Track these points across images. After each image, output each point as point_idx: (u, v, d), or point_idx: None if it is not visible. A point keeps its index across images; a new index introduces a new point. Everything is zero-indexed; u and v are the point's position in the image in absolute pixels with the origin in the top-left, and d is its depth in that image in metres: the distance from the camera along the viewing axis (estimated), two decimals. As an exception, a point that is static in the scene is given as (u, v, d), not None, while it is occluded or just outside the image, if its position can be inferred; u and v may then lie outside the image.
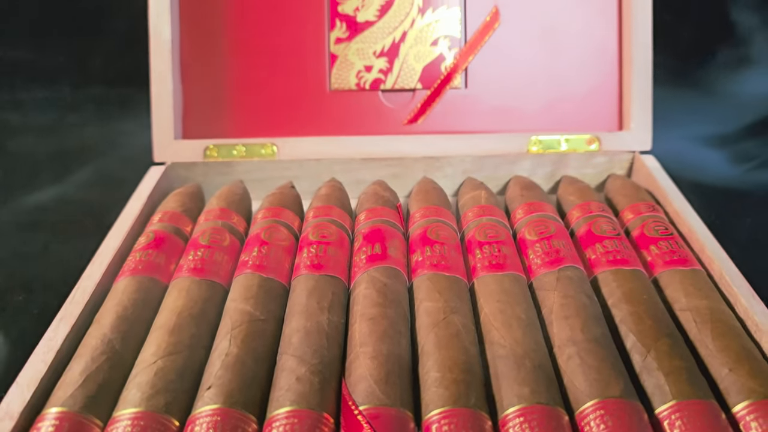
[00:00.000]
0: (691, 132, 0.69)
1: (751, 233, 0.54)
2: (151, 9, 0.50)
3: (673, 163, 0.62)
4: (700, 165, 0.64)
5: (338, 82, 0.52)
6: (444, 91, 0.52)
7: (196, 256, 0.38)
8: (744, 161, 0.64)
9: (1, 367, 0.41)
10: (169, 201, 0.45)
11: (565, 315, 0.34)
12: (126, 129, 0.73)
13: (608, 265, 0.37)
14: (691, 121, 0.71)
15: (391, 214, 0.43)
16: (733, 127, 0.69)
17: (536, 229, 0.40)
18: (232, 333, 0.33)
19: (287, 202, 0.45)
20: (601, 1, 0.52)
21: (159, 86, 0.51)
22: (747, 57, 0.72)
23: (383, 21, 0.52)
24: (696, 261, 0.38)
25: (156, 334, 0.33)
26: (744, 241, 0.53)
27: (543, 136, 0.51)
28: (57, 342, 0.34)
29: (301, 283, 0.36)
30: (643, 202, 0.43)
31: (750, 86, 0.72)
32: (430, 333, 0.33)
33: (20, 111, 0.79)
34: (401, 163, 0.50)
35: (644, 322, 0.33)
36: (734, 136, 0.67)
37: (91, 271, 0.39)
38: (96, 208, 0.59)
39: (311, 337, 0.33)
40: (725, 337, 0.32)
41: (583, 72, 0.52)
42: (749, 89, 0.72)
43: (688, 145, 0.67)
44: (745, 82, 0.72)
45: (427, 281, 0.36)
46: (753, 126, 0.69)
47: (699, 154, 0.66)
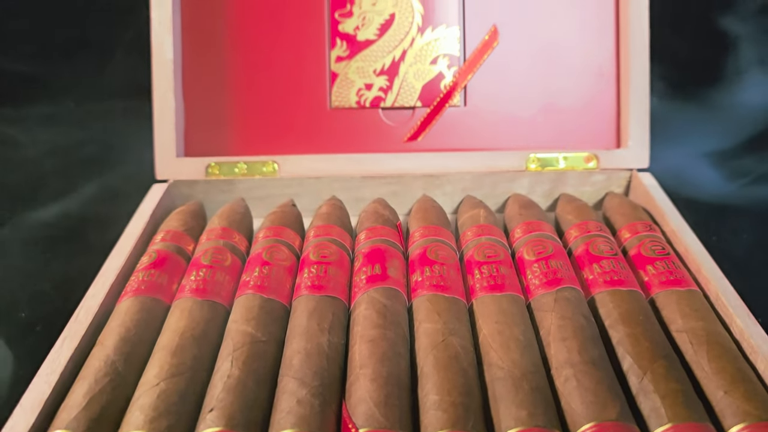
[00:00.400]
0: (689, 147, 0.69)
1: (748, 250, 0.54)
2: (154, 29, 0.51)
3: (671, 179, 0.63)
4: (698, 181, 0.64)
5: (339, 100, 0.53)
6: (443, 109, 0.53)
7: (198, 276, 0.39)
8: (741, 176, 0.65)
9: (7, 383, 0.41)
10: (172, 220, 0.45)
11: (562, 336, 0.34)
12: (130, 144, 0.73)
13: (605, 285, 0.38)
14: (689, 136, 0.71)
15: (391, 233, 0.43)
16: (730, 142, 0.69)
17: (534, 249, 0.41)
18: (234, 355, 0.34)
19: (288, 221, 0.45)
20: (599, 20, 0.52)
21: (161, 104, 0.51)
22: (741, 70, 0.73)
23: (383, 40, 0.52)
24: (692, 281, 0.39)
25: (158, 355, 0.34)
26: (742, 259, 0.53)
27: (541, 154, 0.51)
28: (60, 363, 0.34)
29: (301, 304, 0.37)
30: (640, 222, 0.44)
31: (747, 99, 0.73)
32: (429, 355, 0.33)
33: (23, 125, 0.80)
34: (401, 180, 0.50)
35: (641, 343, 0.34)
36: (732, 152, 0.68)
37: (95, 291, 0.40)
38: (99, 224, 0.59)
39: (312, 359, 0.33)
40: (721, 359, 0.33)
41: (581, 90, 0.53)
42: (746, 102, 0.73)
43: (686, 161, 0.68)
44: (741, 95, 0.73)
45: (426, 302, 0.37)
46: (750, 140, 0.70)
47: (697, 169, 0.66)
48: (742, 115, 0.72)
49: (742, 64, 0.72)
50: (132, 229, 0.46)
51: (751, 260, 0.53)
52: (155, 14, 0.51)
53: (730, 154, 0.67)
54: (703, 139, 0.70)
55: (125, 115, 0.80)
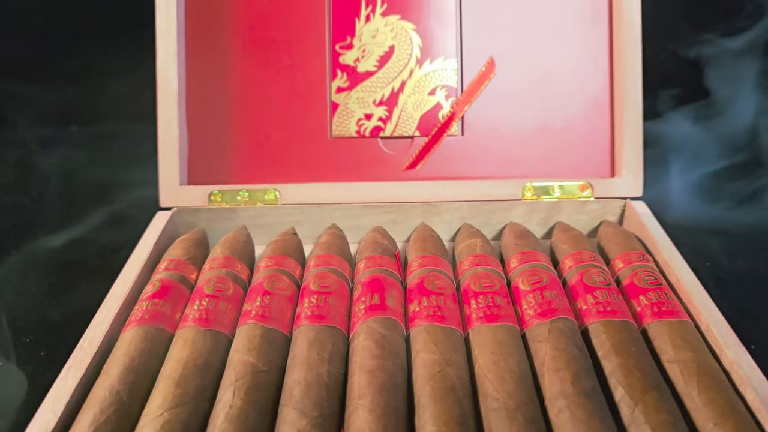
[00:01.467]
0: (682, 173, 0.71)
1: (742, 275, 0.55)
2: (159, 59, 0.52)
3: (665, 206, 0.64)
4: (691, 206, 0.65)
5: (339, 129, 0.54)
6: (441, 139, 0.54)
7: (201, 305, 0.40)
8: (729, 200, 0.66)
9: (17, 404, 0.42)
10: (175, 248, 0.46)
11: (556, 367, 0.35)
12: (133, 168, 0.74)
13: (598, 316, 0.39)
14: (682, 161, 0.73)
15: (390, 263, 0.44)
16: (721, 165, 0.71)
17: (529, 279, 0.42)
18: (236, 385, 0.34)
19: (289, 249, 0.46)
20: (593, 51, 0.54)
21: (166, 133, 0.52)
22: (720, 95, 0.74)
23: (383, 71, 0.54)
24: (684, 312, 0.39)
25: (162, 385, 0.35)
26: (735, 284, 0.54)
27: (537, 182, 0.52)
28: (66, 392, 0.35)
29: (302, 333, 0.38)
30: (633, 251, 0.45)
31: (724, 123, 0.74)
32: (426, 385, 0.34)
33: (26, 149, 0.81)
34: (400, 209, 0.52)
35: (633, 374, 0.35)
36: (722, 174, 0.69)
37: (99, 320, 0.41)
38: (103, 249, 0.60)
39: (312, 390, 0.34)
40: (711, 391, 0.34)
41: (576, 120, 0.54)
42: (724, 126, 0.74)
43: (680, 186, 0.69)
44: (719, 119, 0.74)
45: (423, 332, 0.38)
46: (740, 163, 0.71)
47: (690, 194, 0.68)
48: (722, 138, 0.73)
49: (719, 89, 0.74)
50: (136, 256, 0.47)
51: (746, 286, 0.54)
52: (160, 44, 0.53)
53: (722, 176, 0.69)
54: (685, 163, 0.71)
55: (128, 138, 0.82)
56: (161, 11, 0.52)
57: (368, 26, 0.54)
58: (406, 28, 0.54)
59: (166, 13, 0.53)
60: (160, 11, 0.52)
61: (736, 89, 0.73)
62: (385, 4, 0.54)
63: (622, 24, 0.52)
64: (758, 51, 0.72)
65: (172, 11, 0.52)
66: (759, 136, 0.72)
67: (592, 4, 0.54)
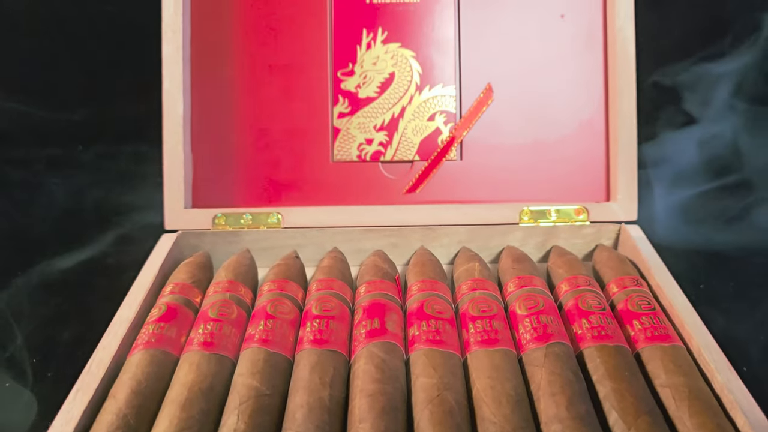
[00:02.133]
0: (676, 195, 0.72)
1: (734, 297, 0.56)
2: (165, 86, 0.54)
3: (660, 229, 0.65)
4: (685, 229, 0.67)
5: (341, 154, 0.55)
6: (440, 163, 0.55)
7: (206, 329, 0.41)
8: (719, 220, 0.68)
9: (26, 427, 0.43)
10: (180, 272, 0.48)
11: (552, 392, 0.36)
12: (139, 189, 0.76)
13: (593, 341, 0.40)
14: (673, 183, 0.74)
15: (390, 287, 0.45)
16: (711, 186, 0.72)
17: (526, 303, 0.43)
18: (240, 408, 0.35)
19: (292, 273, 0.47)
20: (589, 78, 0.55)
21: (171, 157, 0.54)
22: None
23: (383, 97, 0.55)
24: (677, 336, 0.40)
25: (168, 408, 0.36)
26: (728, 306, 0.55)
27: (534, 206, 0.53)
28: (74, 415, 0.36)
29: (304, 357, 0.39)
30: (627, 276, 0.46)
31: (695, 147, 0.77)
32: (425, 409, 0.35)
33: (32, 169, 0.83)
34: (400, 232, 0.53)
35: (626, 399, 0.36)
36: (712, 194, 0.71)
37: (106, 342, 0.42)
38: (109, 270, 0.61)
39: (314, 413, 0.35)
40: (702, 415, 0.35)
41: (572, 145, 0.55)
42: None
43: (673, 209, 0.71)
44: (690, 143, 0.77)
45: (423, 356, 0.39)
46: (729, 185, 0.73)
47: (682, 217, 0.69)
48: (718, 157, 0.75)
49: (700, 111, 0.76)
50: (142, 279, 0.48)
51: (739, 307, 0.55)
52: (166, 71, 0.54)
53: (712, 196, 0.70)
54: (685, 185, 0.73)
55: (135, 161, 0.83)
56: (168, 39, 0.54)
57: (369, 53, 0.55)
58: (406, 56, 0.55)
59: (173, 41, 0.54)
60: (167, 39, 0.54)
61: (717, 111, 0.75)
62: (385, 32, 0.55)
63: (616, 52, 0.54)
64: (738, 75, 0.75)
65: (178, 39, 0.54)
66: (743, 156, 0.74)
67: (587, 32, 0.55)
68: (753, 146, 0.74)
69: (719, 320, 0.52)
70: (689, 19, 0.76)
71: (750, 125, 0.74)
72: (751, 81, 0.74)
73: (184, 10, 0.54)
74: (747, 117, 0.74)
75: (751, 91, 0.74)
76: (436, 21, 0.55)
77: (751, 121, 0.74)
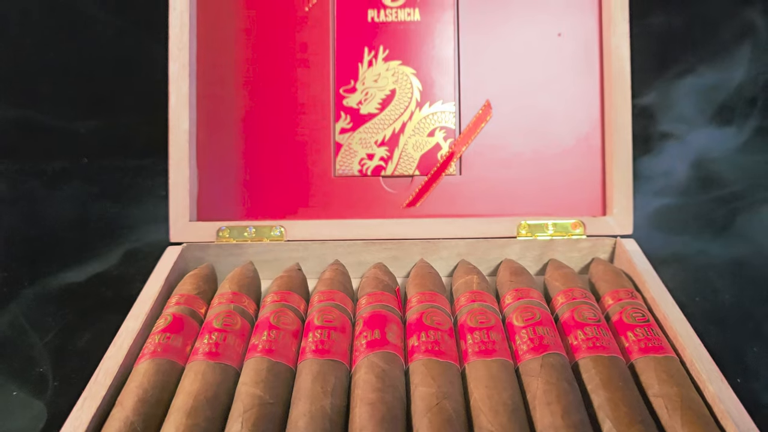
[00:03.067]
0: (667, 207, 0.74)
1: (728, 310, 0.57)
2: (171, 103, 0.55)
3: (656, 242, 0.66)
4: (680, 241, 0.68)
5: (342, 168, 0.56)
6: (440, 178, 0.56)
7: (211, 339, 0.42)
8: (709, 231, 0.69)
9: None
10: (185, 283, 0.49)
11: (547, 401, 0.37)
12: (144, 202, 0.77)
13: (588, 351, 0.41)
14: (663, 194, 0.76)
15: (390, 299, 0.46)
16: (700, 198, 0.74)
17: (523, 315, 0.44)
18: (244, 416, 0.36)
19: (294, 285, 0.48)
20: (585, 96, 0.57)
21: (176, 172, 0.55)
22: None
23: (384, 114, 0.56)
24: (670, 348, 0.41)
25: (174, 416, 0.37)
26: (722, 319, 0.56)
27: (531, 220, 0.55)
28: (83, 422, 0.37)
29: (306, 367, 0.40)
30: (622, 289, 0.47)
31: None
32: (424, 417, 0.36)
33: (42, 180, 0.84)
34: (400, 245, 0.54)
35: (620, 408, 0.37)
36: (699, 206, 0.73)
37: (113, 352, 0.43)
38: (114, 282, 0.62)
39: (316, 422, 0.36)
40: (693, 425, 0.36)
41: (569, 160, 0.56)
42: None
43: (669, 222, 0.72)
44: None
45: (422, 366, 0.40)
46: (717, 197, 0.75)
47: (679, 229, 0.70)
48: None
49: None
50: (148, 290, 0.49)
51: (732, 320, 0.56)
52: (173, 88, 0.55)
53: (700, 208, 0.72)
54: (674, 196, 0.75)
55: (140, 173, 0.85)
56: (174, 56, 0.55)
57: (371, 71, 0.57)
58: (406, 73, 0.57)
59: (179, 58, 0.56)
60: (173, 56, 0.55)
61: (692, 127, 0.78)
62: (387, 50, 0.57)
63: (612, 70, 0.55)
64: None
65: (184, 56, 0.55)
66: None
67: (584, 51, 0.56)
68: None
69: (713, 332, 0.53)
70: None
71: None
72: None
73: (191, 29, 0.56)
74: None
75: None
76: (436, 40, 0.57)
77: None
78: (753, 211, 0.72)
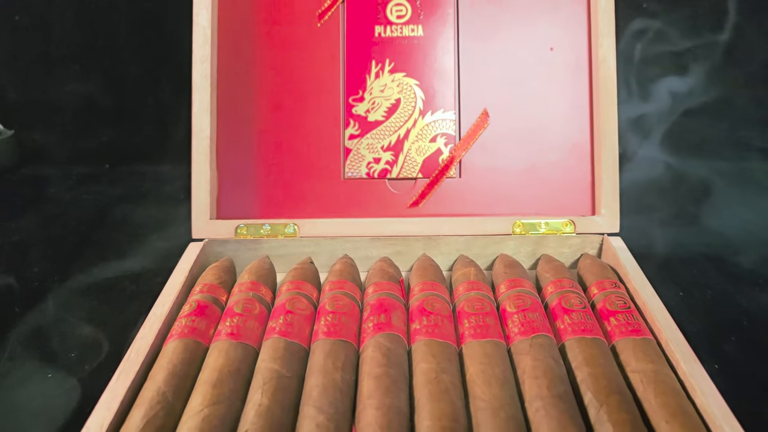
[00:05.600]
0: (656, 210, 0.78)
1: (710, 305, 0.62)
2: (195, 109, 0.60)
3: (644, 240, 0.70)
4: (664, 240, 0.72)
5: (351, 171, 0.61)
6: (441, 180, 0.61)
7: (232, 322, 0.46)
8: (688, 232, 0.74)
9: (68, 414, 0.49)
10: (208, 274, 0.53)
11: (535, 375, 0.41)
12: (162, 204, 0.82)
13: (573, 334, 0.45)
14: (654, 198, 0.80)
15: (395, 288, 0.51)
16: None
17: (515, 302, 0.48)
18: (263, 388, 0.41)
19: (307, 276, 0.53)
20: (576, 104, 0.61)
21: (198, 174, 0.60)
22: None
23: (390, 121, 0.61)
24: (648, 331, 0.46)
25: (201, 387, 0.41)
26: (704, 313, 0.60)
27: (526, 219, 0.59)
28: (119, 392, 0.41)
29: (319, 346, 0.44)
30: (607, 280, 0.51)
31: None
32: (424, 389, 0.40)
33: (66, 184, 0.89)
34: (404, 242, 0.58)
35: (600, 381, 0.41)
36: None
37: (143, 334, 0.47)
38: (139, 277, 0.67)
39: (328, 392, 0.40)
40: (665, 396, 0.40)
41: (561, 164, 0.61)
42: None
43: (654, 222, 0.76)
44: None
45: (423, 346, 0.44)
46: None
47: (662, 228, 0.75)
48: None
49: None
50: (173, 281, 0.53)
51: (712, 313, 0.60)
52: (196, 97, 0.60)
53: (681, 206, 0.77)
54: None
55: (156, 178, 0.89)
56: (197, 68, 0.60)
57: (377, 82, 0.62)
58: (410, 84, 0.62)
59: (201, 70, 0.60)
60: (196, 68, 0.60)
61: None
62: (392, 63, 0.62)
63: (600, 81, 0.59)
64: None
65: (206, 68, 0.60)
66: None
67: (574, 63, 0.61)
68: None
69: (696, 321, 0.57)
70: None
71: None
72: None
73: (212, 43, 0.61)
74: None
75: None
76: (438, 53, 0.62)
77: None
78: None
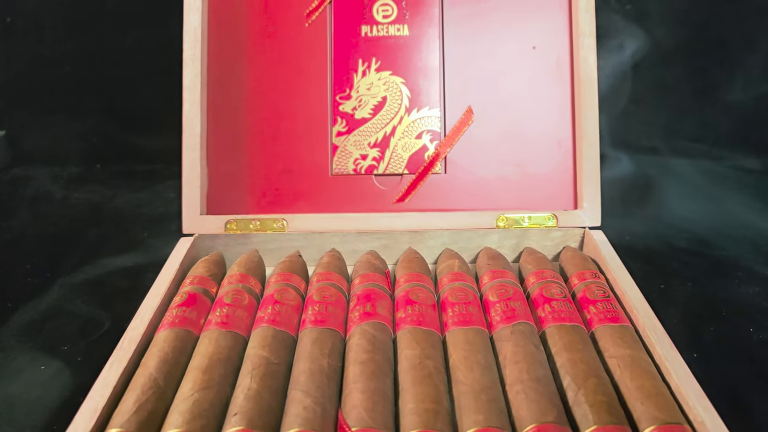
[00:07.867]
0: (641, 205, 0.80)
1: (689, 296, 0.63)
2: (185, 108, 0.61)
3: (628, 235, 0.72)
4: (647, 234, 0.74)
5: (338, 168, 0.62)
6: (427, 176, 0.62)
7: (222, 312, 0.48)
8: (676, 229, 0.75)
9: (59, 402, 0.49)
10: (198, 267, 0.54)
11: (515, 360, 0.43)
12: (153, 201, 0.83)
13: (553, 321, 0.46)
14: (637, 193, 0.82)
15: (381, 279, 0.52)
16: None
17: (498, 292, 0.50)
18: (252, 373, 0.42)
19: (295, 268, 0.54)
20: (558, 102, 0.63)
21: (189, 171, 0.61)
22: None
23: (376, 118, 0.63)
24: (626, 318, 0.47)
25: (192, 373, 0.42)
26: (684, 304, 0.62)
27: (509, 214, 0.61)
28: (111, 380, 0.42)
29: (306, 334, 0.45)
30: (588, 270, 0.53)
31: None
32: (408, 374, 0.42)
33: (58, 184, 0.90)
34: (390, 236, 0.60)
35: (578, 366, 0.42)
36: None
37: (135, 324, 0.48)
38: (130, 271, 0.68)
39: (315, 377, 0.41)
40: (641, 378, 0.41)
41: (544, 160, 0.62)
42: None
43: (637, 215, 0.78)
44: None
45: (407, 334, 0.45)
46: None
47: (644, 222, 0.77)
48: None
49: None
50: (165, 274, 0.54)
51: (691, 304, 0.62)
52: (186, 96, 0.61)
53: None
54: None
55: (148, 177, 0.90)
56: (188, 67, 0.61)
57: (364, 80, 0.63)
58: (396, 82, 0.63)
59: (192, 69, 0.62)
60: (187, 67, 0.61)
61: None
62: (379, 62, 0.63)
63: (581, 79, 0.61)
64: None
65: (197, 67, 0.61)
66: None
67: (556, 62, 0.63)
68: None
69: (675, 313, 0.59)
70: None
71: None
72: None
73: (202, 43, 0.62)
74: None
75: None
76: (423, 52, 0.63)
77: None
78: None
